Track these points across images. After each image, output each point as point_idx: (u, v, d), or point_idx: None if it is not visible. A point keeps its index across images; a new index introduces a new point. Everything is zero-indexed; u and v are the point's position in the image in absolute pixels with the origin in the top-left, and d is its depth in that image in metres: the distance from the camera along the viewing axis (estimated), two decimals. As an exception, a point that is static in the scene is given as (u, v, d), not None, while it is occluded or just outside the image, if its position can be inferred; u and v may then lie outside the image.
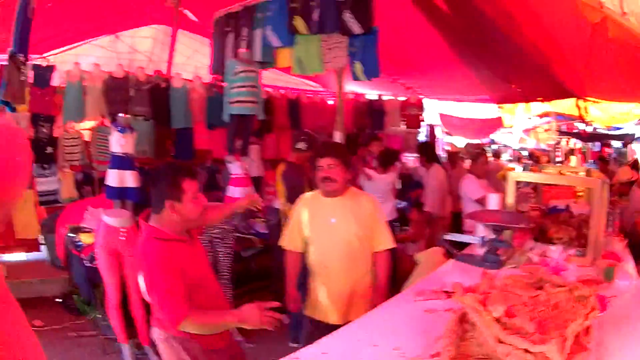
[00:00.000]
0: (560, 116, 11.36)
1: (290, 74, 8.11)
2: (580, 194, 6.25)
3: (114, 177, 6.17)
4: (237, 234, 6.04)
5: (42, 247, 6.81)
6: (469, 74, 8.11)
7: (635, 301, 2.71)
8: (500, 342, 1.67)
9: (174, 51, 7.57)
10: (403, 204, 7.70)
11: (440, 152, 10.06)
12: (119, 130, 6.18)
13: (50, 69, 6.75)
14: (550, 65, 6.40)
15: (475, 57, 7.33)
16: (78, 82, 6.82)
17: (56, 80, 6.91)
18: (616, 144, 14.26)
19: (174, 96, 7.36)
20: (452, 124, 12.12)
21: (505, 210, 3.89)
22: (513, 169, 10.13)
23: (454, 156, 8.09)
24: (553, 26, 5.37)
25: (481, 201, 5.72)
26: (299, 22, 5.65)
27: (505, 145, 15.53)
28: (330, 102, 9.92)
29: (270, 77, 8.85)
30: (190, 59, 8.73)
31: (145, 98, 7.12)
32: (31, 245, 6.98)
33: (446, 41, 7.04)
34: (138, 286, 3.84)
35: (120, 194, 6.25)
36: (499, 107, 10.67)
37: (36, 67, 6.57)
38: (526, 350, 1.61)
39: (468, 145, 11.12)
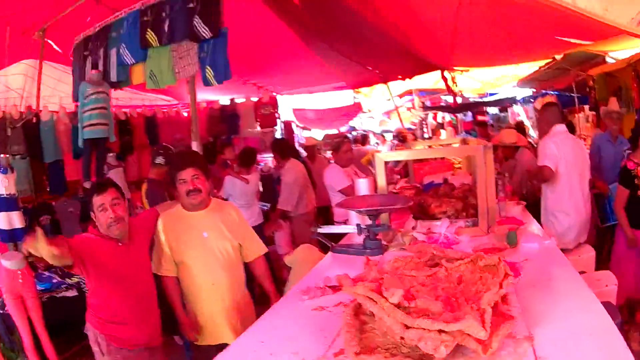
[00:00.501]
0: (423, 92, 11.50)
1: (145, 91, 8.23)
2: (457, 165, 6.36)
3: (2, 220, 5.91)
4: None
5: None
6: (322, 62, 8.21)
7: (550, 261, 2.64)
8: (408, 327, 1.50)
9: (41, 84, 7.54)
10: (266, 206, 7.52)
11: (298, 147, 9.81)
12: (0, 172, 5.97)
13: None
14: (411, 42, 6.36)
15: (327, 45, 7.43)
16: None
17: None
18: (492, 110, 14.20)
19: (44, 130, 7.36)
20: (306, 117, 12.09)
21: (378, 194, 3.73)
22: (379, 151, 10.31)
23: (311, 149, 7.87)
24: (416, 3, 5.50)
25: (346, 191, 5.58)
26: (150, 35, 5.62)
27: (365, 131, 15.33)
28: (185, 114, 10.05)
29: (125, 97, 8.93)
30: (56, 90, 8.61)
31: (20, 136, 7.13)
32: None
33: (296, 33, 7.15)
34: (42, 326, 4.58)
35: (11, 236, 5.95)
36: (356, 92, 10.91)
37: None
38: (440, 331, 1.45)
39: (326, 136, 10.91)
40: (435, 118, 15.95)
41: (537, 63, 8.53)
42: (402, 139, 10.49)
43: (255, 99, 9.97)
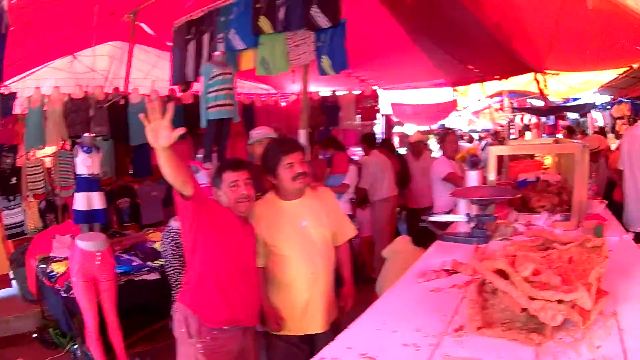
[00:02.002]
0: (512, 94, 11.59)
1: (243, 78, 8.17)
2: (546, 165, 6.76)
3: (81, 201, 6.02)
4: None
5: (13, 283, 6.66)
6: (425, 59, 8.12)
7: (628, 252, 2.98)
8: (532, 299, 1.74)
9: (131, 67, 7.26)
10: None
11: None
12: (84, 151, 6.04)
13: (12, 96, 6.62)
14: (511, 42, 6.54)
15: (431, 41, 7.36)
16: (39, 107, 6.65)
17: (18, 108, 6.77)
18: (572, 115, 14.30)
19: (132, 112, 7.16)
20: (405, 112, 11.88)
21: (488, 185, 3.98)
22: (475, 149, 10.28)
23: (417, 145, 7.67)
24: (520, 5, 5.45)
25: (449, 177, 5.90)
26: (263, 22, 5.51)
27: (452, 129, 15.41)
28: (283, 103, 9.88)
29: None
30: (148, 74, 8.53)
31: (104, 117, 6.96)
32: (0, 281, 6.69)
33: (403, 27, 7.04)
34: (114, 311, 4.50)
35: (89, 217, 6.08)
36: (454, 90, 10.77)
37: (-1, 95, 6.40)
38: (559, 301, 1.71)
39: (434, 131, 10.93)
40: (522, 120, 15.89)
41: (617, 71, 8.57)
42: (496, 137, 10.43)
43: (357, 92, 9.79)
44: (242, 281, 2.96)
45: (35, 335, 5.75)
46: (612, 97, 11.09)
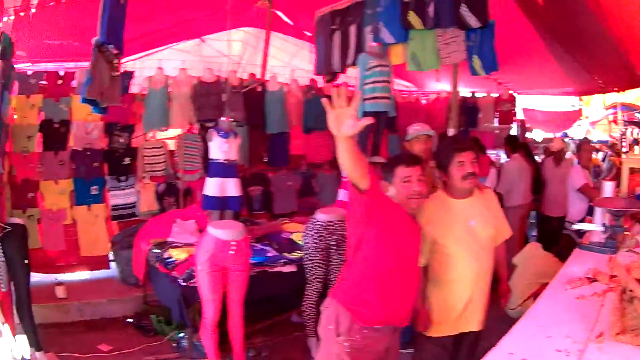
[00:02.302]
0: (624, 107, 11.10)
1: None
2: None
3: (214, 186, 5.79)
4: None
5: (112, 264, 6.44)
6: (556, 65, 7.97)
7: None
8: None
9: (268, 55, 7.29)
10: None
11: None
12: (220, 135, 5.81)
13: (129, 75, 6.38)
14: (629, 55, 6.18)
15: (562, 48, 7.16)
16: (162, 88, 6.48)
17: (134, 88, 6.58)
18: None
19: (270, 100, 7.10)
20: (536, 118, 11.64)
21: (624, 197, 4.16)
22: (596, 160, 10.40)
23: (559, 153, 7.27)
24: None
25: (583, 190, 5.97)
26: (413, 17, 5.46)
27: (572, 139, 15.07)
28: (423, 102, 9.76)
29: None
30: (289, 63, 8.38)
31: (239, 102, 6.83)
32: (97, 262, 6.46)
33: (538, 33, 6.94)
34: (241, 302, 4.26)
35: (221, 203, 5.84)
36: (580, 100, 10.70)
37: (114, 73, 6.29)
38: None
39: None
40: (632, 133, 15.42)
41: None
42: (615, 150, 10.71)
43: (495, 95, 9.66)
44: (402, 281, 2.85)
45: (130, 320, 5.56)
46: None
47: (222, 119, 6.02)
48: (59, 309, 5.56)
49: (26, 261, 4.39)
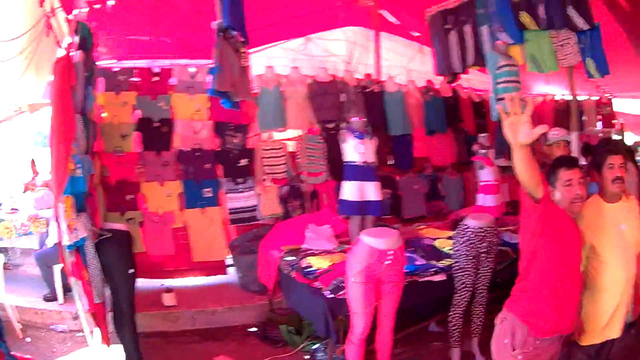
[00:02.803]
0: None
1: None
2: None
3: (352, 190, 5.60)
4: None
5: (230, 270, 6.34)
6: None
7: None
8: None
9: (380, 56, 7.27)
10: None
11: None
12: (356, 136, 5.61)
13: None
14: None
15: None
16: (275, 87, 6.42)
17: None
18: None
19: (389, 101, 7.05)
20: (629, 121, 11.52)
21: None
22: None
23: None
24: None
25: None
26: (525, 18, 5.44)
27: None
28: None
29: (475, 80, 8.51)
30: (394, 62, 8.20)
31: (360, 103, 6.76)
32: (212, 268, 6.33)
33: (628, 37, 6.96)
34: (393, 315, 4.05)
35: (361, 208, 5.63)
36: None
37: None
38: None
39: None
40: None
41: None
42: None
43: (596, 98, 9.64)
44: (571, 288, 2.88)
45: (253, 329, 5.37)
46: None
47: (355, 118, 5.77)
48: (166, 317, 5.37)
49: (131, 270, 4.25)
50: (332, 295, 4.26)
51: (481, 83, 8.45)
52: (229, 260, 6.24)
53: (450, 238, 5.04)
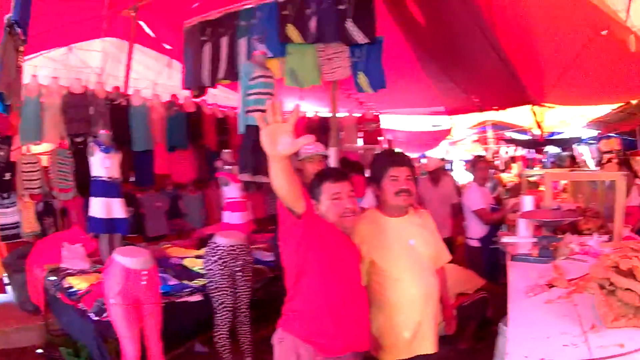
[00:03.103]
0: (497, 125, 11.72)
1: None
2: (564, 195, 7.11)
3: (99, 207, 5.51)
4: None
5: (8, 289, 6.00)
6: (430, 85, 8.16)
7: None
8: None
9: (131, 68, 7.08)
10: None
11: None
12: (102, 150, 5.52)
13: None
14: (517, 72, 6.61)
15: (439, 68, 7.39)
16: (36, 97, 6.17)
17: None
18: (552, 149, 14.30)
19: (134, 115, 6.84)
20: (396, 138, 11.82)
21: (555, 209, 4.33)
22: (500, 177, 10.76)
23: (436, 172, 6.70)
24: (539, 32, 5.49)
25: (478, 213, 5.83)
26: (292, 31, 5.33)
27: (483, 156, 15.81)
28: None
29: (220, 96, 8.53)
30: (146, 76, 8.10)
31: (106, 117, 6.55)
32: None
33: (414, 52, 7.06)
34: (159, 337, 3.94)
35: (109, 226, 5.56)
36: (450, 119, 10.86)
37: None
38: None
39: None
40: (506, 152, 16.23)
41: (611, 106, 8.47)
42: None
43: (358, 115, 9.54)
44: (353, 303, 2.70)
45: (40, 351, 5.13)
46: (600, 131, 11.12)
47: (102, 132, 5.72)
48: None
49: None
50: (98, 318, 4.15)
51: (227, 99, 8.55)
52: (6, 278, 5.93)
53: (199, 257, 5.04)
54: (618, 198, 3.99)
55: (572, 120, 9.71)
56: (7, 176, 6.07)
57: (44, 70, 6.88)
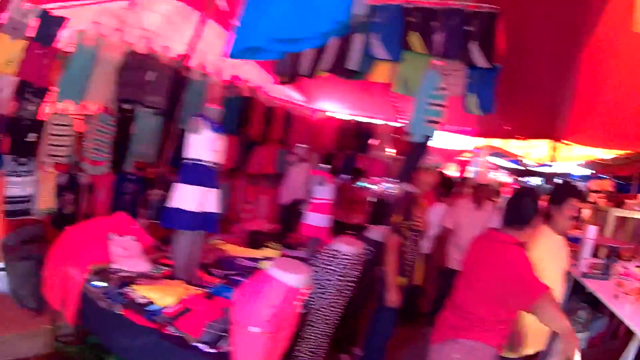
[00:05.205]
0: (494, 152, 11.53)
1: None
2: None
3: (192, 197, 4.16)
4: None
5: (1, 275, 4.55)
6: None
7: None
8: None
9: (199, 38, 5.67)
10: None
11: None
12: (213, 129, 4.25)
13: (60, 21, 4.83)
14: (560, 106, 6.55)
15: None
16: (92, 48, 5.04)
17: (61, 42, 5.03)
18: (534, 180, 15.23)
19: (191, 90, 5.90)
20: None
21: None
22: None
23: (482, 191, 6.38)
24: (615, 74, 5.44)
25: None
26: (415, 39, 4.89)
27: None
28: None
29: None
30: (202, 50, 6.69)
31: (163, 87, 5.57)
32: None
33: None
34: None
35: (200, 222, 4.26)
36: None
37: (43, 15, 4.68)
38: None
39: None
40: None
41: (619, 151, 8.33)
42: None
43: (394, 124, 9.30)
44: None
45: None
46: (594, 171, 11.13)
47: (212, 107, 4.45)
48: None
49: None
50: (214, 350, 3.06)
51: (277, 90, 7.99)
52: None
53: (267, 258, 4.67)
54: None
55: (568, 155, 9.59)
56: (31, 137, 4.83)
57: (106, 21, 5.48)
